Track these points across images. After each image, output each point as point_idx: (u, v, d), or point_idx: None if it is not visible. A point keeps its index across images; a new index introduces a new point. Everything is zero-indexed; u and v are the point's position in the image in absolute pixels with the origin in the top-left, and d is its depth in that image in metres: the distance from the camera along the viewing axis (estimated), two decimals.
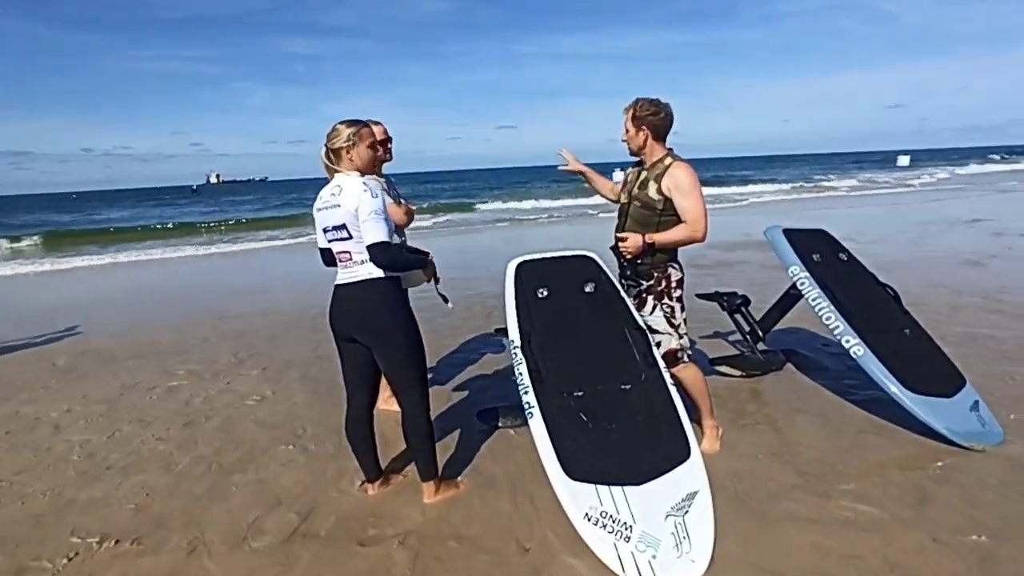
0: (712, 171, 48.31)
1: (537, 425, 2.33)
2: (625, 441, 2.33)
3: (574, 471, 2.20)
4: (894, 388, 2.88)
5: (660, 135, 2.74)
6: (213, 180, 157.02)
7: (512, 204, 24.57)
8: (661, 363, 2.60)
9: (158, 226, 22.90)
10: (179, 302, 7.85)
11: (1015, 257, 7.83)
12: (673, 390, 2.52)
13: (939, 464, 2.67)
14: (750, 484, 2.59)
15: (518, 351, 2.58)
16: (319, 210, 2.39)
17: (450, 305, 2.89)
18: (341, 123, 2.36)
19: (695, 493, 2.20)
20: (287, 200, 40.05)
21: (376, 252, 2.29)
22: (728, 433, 3.01)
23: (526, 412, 2.39)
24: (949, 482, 2.51)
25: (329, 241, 2.40)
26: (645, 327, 2.70)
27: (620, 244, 2.74)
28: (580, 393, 2.46)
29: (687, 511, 2.15)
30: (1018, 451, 2.75)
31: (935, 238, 9.80)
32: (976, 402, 2.99)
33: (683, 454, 2.31)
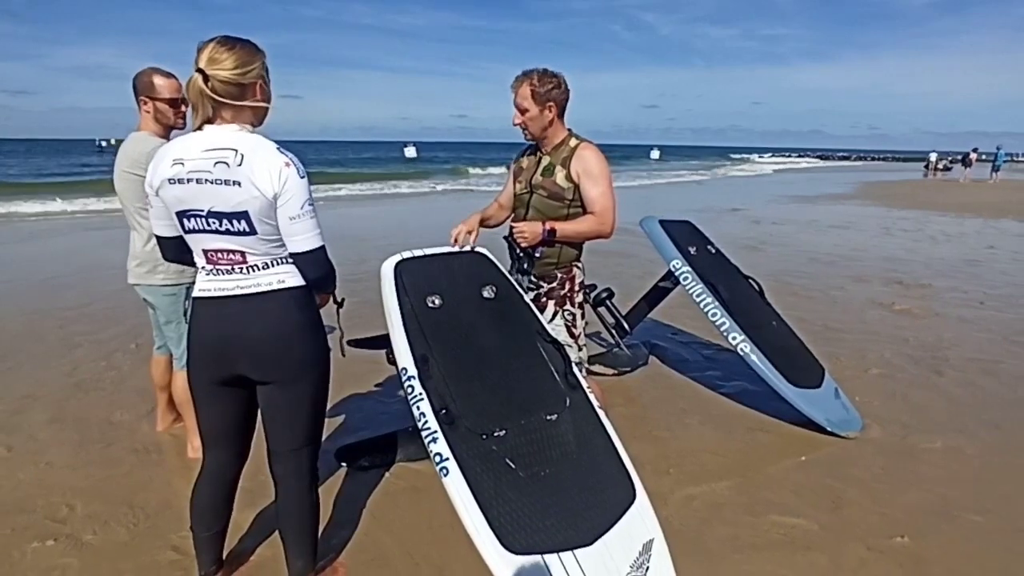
0: (500, 153, 50.53)
1: (456, 485, 1.76)
2: (563, 489, 1.88)
3: (514, 541, 1.68)
4: (780, 385, 2.89)
5: (563, 112, 2.38)
6: None
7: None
8: (583, 381, 2.20)
9: None
10: None
11: (779, 243, 9.15)
12: (602, 414, 2.14)
13: (823, 455, 2.73)
14: (675, 509, 2.34)
15: (415, 383, 1.95)
16: (180, 181, 1.46)
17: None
18: (233, 42, 1.46)
19: (651, 542, 1.84)
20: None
21: (313, 264, 1.59)
22: (629, 446, 2.73)
23: (438, 468, 1.80)
24: (847, 479, 2.54)
25: (191, 231, 1.52)
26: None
27: (515, 231, 2.35)
28: (502, 432, 1.94)
29: (647, 567, 1.78)
30: (878, 435, 2.94)
31: (713, 225, 11.05)
32: (836, 389, 3.16)
33: (629, 495, 1.93)
